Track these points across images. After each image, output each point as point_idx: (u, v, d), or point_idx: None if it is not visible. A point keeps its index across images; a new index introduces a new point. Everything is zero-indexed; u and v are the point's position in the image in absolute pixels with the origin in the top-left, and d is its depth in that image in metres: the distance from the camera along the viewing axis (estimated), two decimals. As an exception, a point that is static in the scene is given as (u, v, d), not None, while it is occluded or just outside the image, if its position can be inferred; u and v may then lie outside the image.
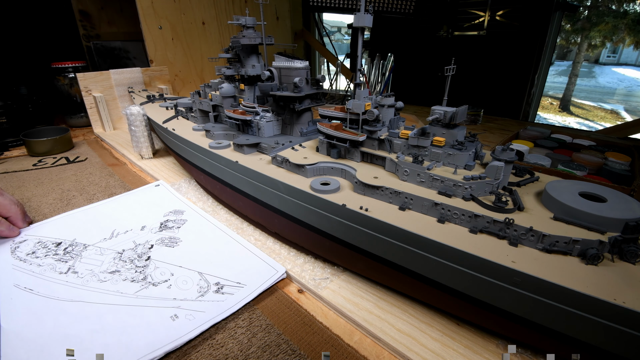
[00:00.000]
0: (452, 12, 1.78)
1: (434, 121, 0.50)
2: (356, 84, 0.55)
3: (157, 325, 0.44)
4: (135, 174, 0.99)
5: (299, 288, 0.53)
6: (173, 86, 1.59)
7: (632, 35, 4.77)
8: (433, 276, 0.42)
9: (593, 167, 0.88)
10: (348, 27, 2.63)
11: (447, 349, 0.42)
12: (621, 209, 0.38)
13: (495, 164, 0.44)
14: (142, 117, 1.00)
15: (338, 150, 0.58)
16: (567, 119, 5.38)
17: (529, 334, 0.38)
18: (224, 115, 0.82)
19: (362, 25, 0.51)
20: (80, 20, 1.66)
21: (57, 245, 0.62)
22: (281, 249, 0.62)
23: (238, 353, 0.42)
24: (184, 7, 1.54)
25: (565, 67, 7.27)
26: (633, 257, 0.35)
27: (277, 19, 2.01)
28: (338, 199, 0.48)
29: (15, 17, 1.63)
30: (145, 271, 0.55)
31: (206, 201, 0.80)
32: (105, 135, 1.34)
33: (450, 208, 0.42)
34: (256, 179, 0.59)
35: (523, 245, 0.38)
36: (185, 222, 0.69)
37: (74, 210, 0.75)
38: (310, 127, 0.72)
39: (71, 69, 1.43)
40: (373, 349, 0.43)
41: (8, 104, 1.25)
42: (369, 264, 0.48)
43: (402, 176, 0.49)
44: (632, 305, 0.30)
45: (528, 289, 0.34)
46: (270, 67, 0.68)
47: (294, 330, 0.45)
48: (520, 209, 0.42)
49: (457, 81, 0.69)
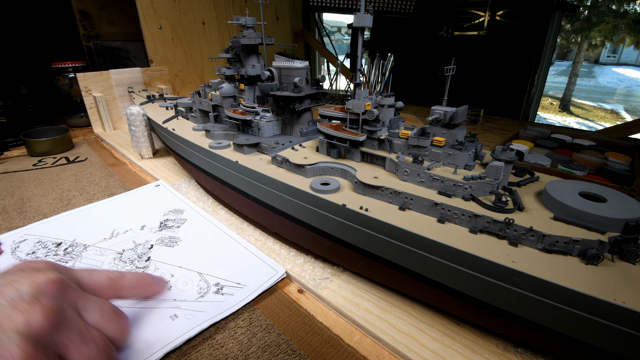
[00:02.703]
0: (452, 12, 1.78)
1: (434, 121, 0.50)
2: (356, 84, 0.55)
3: (157, 326, 0.44)
4: (135, 174, 0.99)
5: (299, 288, 0.53)
6: (173, 86, 1.59)
7: (632, 35, 4.77)
8: (433, 276, 0.42)
9: (593, 167, 0.88)
10: (348, 27, 2.63)
11: (447, 349, 0.42)
12: (621, 209, 0.38)
13: (495, 164, 0.44)
14: (142, 117, 1.00)
15: (338, 150, 0.58)
16: (567, 119, 5.38)
17: (529, 334, 0.38)
18: (224, 115, 0.82)
19: (362, 25, 0.51)
20: (80, 20, 1.66)
21: (57, 246, 0.62)
22: (281, 249, 0.62)
23: (238, 353, 0.42)
24: (184, 7, 1.54)
25: (565, 67, 7.27)
26: (633, 257, 0.35)
27: (277, 19, 2.01)
28: (338, 199, 0.48)
29: (15, 17, 1.63)
30: (146, 272, 0.55)
31: (206, 201, 0.80)
32: (105, 135, 1.34)
33: (450, 208, 0.42)
34: (256, 179, 0.59)
35: (523, 245, 0.38)
36: (185, 222, 0.69)
37: (74, 210, 0.75)
38: (310, 127, 0.72)
39: (71, 69, 1.43)
40: (373, 349, 0.43)
41: (8, 104, 1.25)
42: (369, 264, 0.48)
43: (402, 176, 0.49)
44: (632, 305, 0.30)
45: (528, 289, 0.34)
46: (270, 67, 0.68)
47: (294, 330, 0.45)
48: (520, 209, 0.42)
49: (457, 81, 0.69)
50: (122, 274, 0.44)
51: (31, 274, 0.34)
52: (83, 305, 0.36)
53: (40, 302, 0.31)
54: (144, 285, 0.47)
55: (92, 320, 0.36)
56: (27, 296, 0.31)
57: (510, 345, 0.42)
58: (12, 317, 0.29)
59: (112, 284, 0.42)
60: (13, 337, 0.28)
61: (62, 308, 0.33)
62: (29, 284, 0.32)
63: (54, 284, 0.33)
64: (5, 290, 0.31)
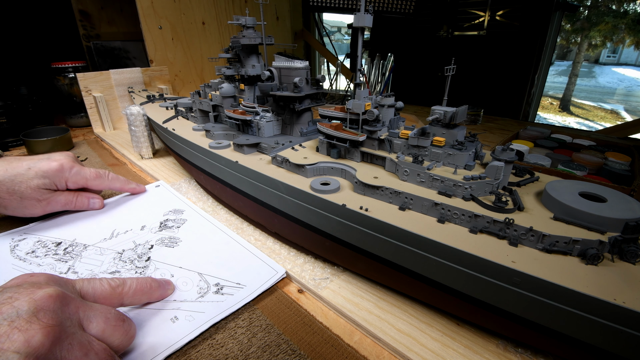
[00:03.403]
0: (452, 12, 1.78)
1: (434, 121, 0.50)
2: (356, 84, 0.55)
3: (157, 329, 0.44)
4: (135, 174, 0.99)
5: (299, 288, 0.53)
6: (173, 86, 1.59)
7: (632, 35, 4.77)
8: (433, 276, 0.42)
9: (593, 167, 0.88)
10: (348, 27, 2.63)
11: (447, 349, 0.42)
12: (621, 209, 0.38)
13: (495, 164, 0.44)
14: (142, 117, 1.00)
15: (338, 150, 0.58)
16: (567, 119, 5.39)
17: (529, 334, 0.38)
18: (224, 115, 0.82)
19: (362, 25, 0.51)
20: (80, 20, 1.66)
21: (57, 245, 0.62)
22: (281, 249, 0.62)
23: (238, 353, 0.42)
24: (184, 7, 1.54)
25: (565, 67, 7.27)
26: (633, 257, 0.35)
27: (277, 19, 2.01)
28: (338, 199, 0.48)
29: (15, 17, 1.63)
30: (146, 272, 0.55)
31: (206, 201, 0.80)
32: (105, 135, 1.34)
33: (450, 208, 0.42)
34: (256, 179, 0.59)
35: (523, 245, 0.38)
36: (185, 222, 0.69)
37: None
38: (310, 127, 0.72)
39: (71, 69, 1.43)
40: (373, 349, 0.43)
41: (8, 104, 1.25)
42: (369, 264, 0.48)
43: (402, 176, 0.49)
44: (632, 305, 0.30)
45: (528, 289, 0.34)
46: (270, 67, 0.68)
47: (294, 330, 0.45)
48: (520, 209, 0.42)
49: (457, 81, 0.69)
50: (124, 281, 0.44)
51: (29, 289, 0.33)
52: (85, 316, 0.36)
53: (39, 319, 0.31)
54: (148, 291, 0.46)
55: (96, 329, 0.36)
56: (26, 314, 0.31)
57: (510, 345, 0.42)
58: (12, 337, 0.29)
59: (114, 292, 0.42)
60: (13, 357, 0.28)
61: (62, 323, 0.33)
62: (27, 301, 0.32)
63: (53, 299, 0.33)
64: (3, 308, 0.31)
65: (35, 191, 0.64)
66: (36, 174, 0.64)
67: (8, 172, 0.63)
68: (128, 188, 0.79)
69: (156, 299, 0.48)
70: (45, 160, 0.67)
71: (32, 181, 0.64)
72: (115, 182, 0.76)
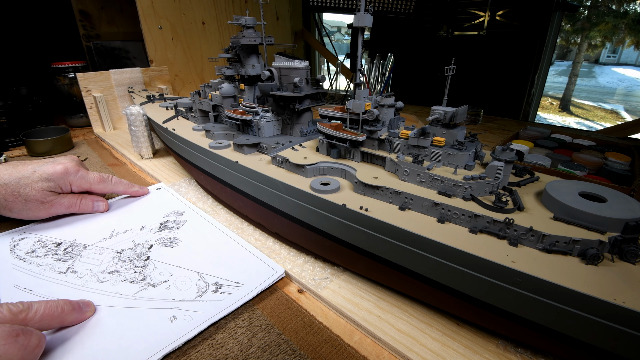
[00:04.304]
0: (452, 12, 1.78)
1: (434, 121, 0.50)
2: (356, 84, 0.55)
3: (155, 328, 0.44)
4: (135, 174, 0.99)
5: (299, 288, 0.53)
6: (173, 86, 1.59)
7: (632, 36, 4.77)
8: (433, 276, 0.42)
9: (593, 167, 0.88)
10: (348, 27, 2.63)
11: (447, 349, 0.42)
12: (621, 209, 0.38)
13: (495, 164, 0.44)
14: (142, 117, 1.00)
15: (338, 150, 0.58)
16: (567, 119, 5.39)
17: (529, 334, 0.38)
18: (224, 115, 0.82)
19: (362, 25, 0.51)
20: (80, 20, 1.66)
21: (57, 246, 0.62)
22: (281, 249, 0.62)
23: (238, 353, 0.42)
24: (184, 7, 1.55)
25: (565, 67, 7.27)
26: (633, 257, 0.35)
27: (277, 19, 2.01)
28: (338, 199, 0.48)
29: (15, 17, 1.63)
30: (145, 271, 0.55)
31: (206, 201, 0.80)
32: (105, 135, 1.34)
33: (450, 208, 0.42)
34: (256, 179, 0.59)
35: (523, 245, 0.38)
36: (185, 223, 0.69)
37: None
38: (310, 127, 0.72)
39: (71, 69, 1.43)
40: (373, 349, 0.43)
41: (8, 104, 1.25)
42: (369, 264, 0.48)
43: (402, 176, 0.49)
44: (632, 305, 0.30)
45: (528, 289, 0.34)
46: (270, 67, 0.68)
47: (294, 330, 0.45)
48: (520, 209, 0.42)
49: (457, 81, 0.69)
50: (29, 305, 0.41)
51: None
52: None
53: None
54: (59, 315, 0.43)
55: None
56: None
57: (510, 345, 0.42)
58: None
59: (15, 318, 0.39)
60: None
61: None
62: None
63: None
64: None
65: (39, 193, 0.65)
66: (41, 176, 0.65)
67: (13, 175, 0.64)
68: (131, 191, 0.80)
69: (70, 323, 0.44)
70: (50, 164, 0.68)
71: (37, 184, 0.65)
72: (119, 186, 0.77)
